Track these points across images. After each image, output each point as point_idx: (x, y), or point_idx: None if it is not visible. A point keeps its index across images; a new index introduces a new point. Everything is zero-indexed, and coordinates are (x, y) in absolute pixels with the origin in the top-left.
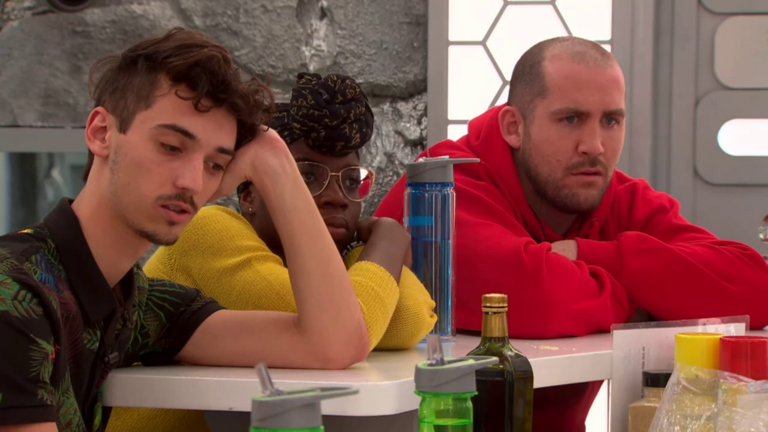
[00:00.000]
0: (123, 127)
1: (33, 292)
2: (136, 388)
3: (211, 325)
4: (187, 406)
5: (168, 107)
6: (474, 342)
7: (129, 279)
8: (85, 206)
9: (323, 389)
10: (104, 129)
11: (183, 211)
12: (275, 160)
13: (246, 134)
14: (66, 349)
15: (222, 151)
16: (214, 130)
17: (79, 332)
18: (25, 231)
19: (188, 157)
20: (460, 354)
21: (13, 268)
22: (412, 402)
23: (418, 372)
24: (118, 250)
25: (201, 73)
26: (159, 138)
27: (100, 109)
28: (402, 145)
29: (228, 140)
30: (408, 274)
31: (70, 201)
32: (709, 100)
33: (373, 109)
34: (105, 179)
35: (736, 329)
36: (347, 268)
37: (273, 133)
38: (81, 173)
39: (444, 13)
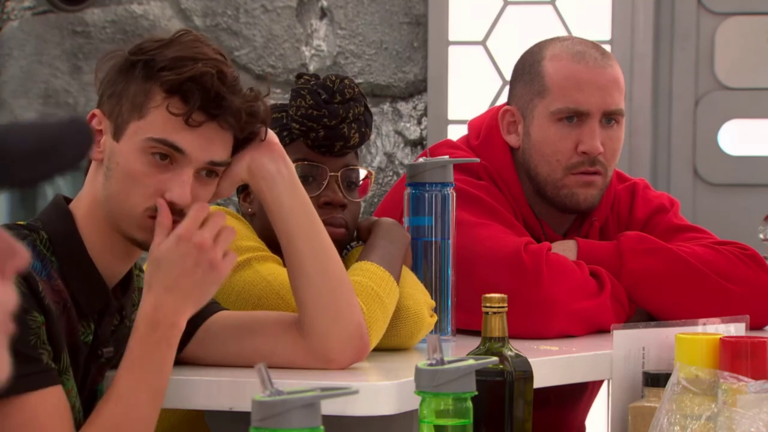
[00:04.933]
0: (117, 135)
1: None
2: None
3: (213, 326)
4: (187, 406)
5: (159, 120)
6: (474, 342)
7: (127, 276)
8: (81, 205)
9: (323, 389)
10: (100, 132)
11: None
12: (272, 164)
13: (243, 142)
14: (64, 336)
15: (214, 164)
16: (205, 145)
17: (74, 323)
18: (19, 223)
19: (178, 171)
20: (460, 354)
21: None
22: (412, 402)
23: (418, 372)
24: (111, 251)
25: (193, 88)
26: (149, 150)
27: (97, 111)
28: (402, 145)
29: (220, 153)
30: (408, 274)
31: (67, 200)
32: (709, 100)
33: (373, 109)
34: (99, 183)
35: (736, 329)
36: (347, 268)
37: (270, 136)
38: (83, 172)
39: (444, 13)
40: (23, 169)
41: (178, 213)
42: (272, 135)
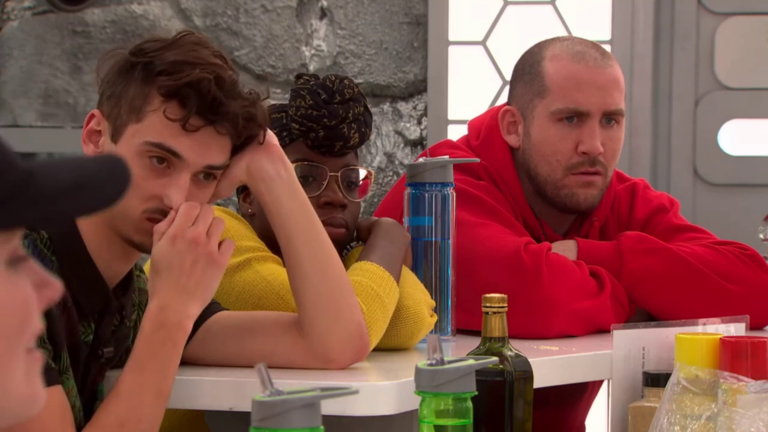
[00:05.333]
0: (115, 137)
1: None
2: None
3: (213, 326)
4: (188, 406)
5: (157, 124)
6: (474, 342)
7: (127, 276)
8: None
9: (323, 389)
10: (99, 133)
11: None
12: (270, 165)
13: (242, 144)
14: (64, 336)
15: (211, 168)
16: (202, 150)
17: (74, 323)
18: None
19: (176, 175)
20: (460, 354)
21: None
22: (412, 402)
23: (418, 372)
24: (110, 251)
25: (191, 94)
26: (146, 154)
27: (96, 112)
28: (402, 145)
29: (218, 157)
30: (408, 274)
31: None
32: (709, 100)
33: (373, 109)
34: None
35: (736, 329)
36: (347, 268)
37: (269, 138)
38: None
39: (444, 13)
40: (54, 206)
41: None
42: (271, 137)
